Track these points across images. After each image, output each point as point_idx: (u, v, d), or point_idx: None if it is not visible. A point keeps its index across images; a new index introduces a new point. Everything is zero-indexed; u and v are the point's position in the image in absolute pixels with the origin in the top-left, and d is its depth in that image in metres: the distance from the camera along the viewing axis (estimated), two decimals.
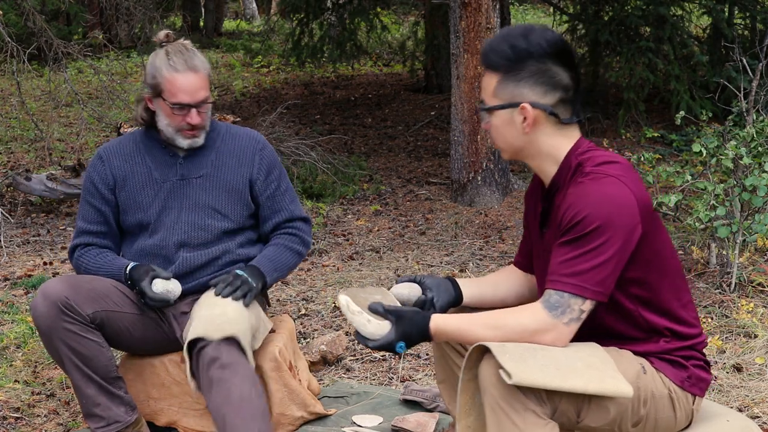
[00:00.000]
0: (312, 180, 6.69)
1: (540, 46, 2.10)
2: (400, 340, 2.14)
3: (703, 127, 5.23)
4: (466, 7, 6.16)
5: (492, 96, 2.17)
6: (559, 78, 2.13)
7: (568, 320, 2.07)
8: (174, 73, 2.82)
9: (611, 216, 2.03)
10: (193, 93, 2.83)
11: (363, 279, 4.80)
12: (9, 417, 3.25)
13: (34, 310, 2.71)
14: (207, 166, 2.95)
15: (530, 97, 2.13)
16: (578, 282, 2.05)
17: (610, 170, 2.09)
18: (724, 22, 8.08)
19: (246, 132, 3.06)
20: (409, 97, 10.63)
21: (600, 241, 2.03)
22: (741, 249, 4.50)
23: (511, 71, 2.13)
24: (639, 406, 2.16)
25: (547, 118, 2.14)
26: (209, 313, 2.71)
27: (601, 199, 2.05)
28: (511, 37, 2.13)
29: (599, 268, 2.04)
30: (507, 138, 2.19)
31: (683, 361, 2.21)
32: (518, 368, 2.01)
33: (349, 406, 3.23)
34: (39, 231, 5.89)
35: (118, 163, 2.95)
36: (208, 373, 2.62)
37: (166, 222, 2.92)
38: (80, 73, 11.45)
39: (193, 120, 2.86)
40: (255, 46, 12.88)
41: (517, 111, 2.14)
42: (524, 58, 2.11)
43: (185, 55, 2.85)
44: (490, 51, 2.15)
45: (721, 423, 2.31)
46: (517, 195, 6.47)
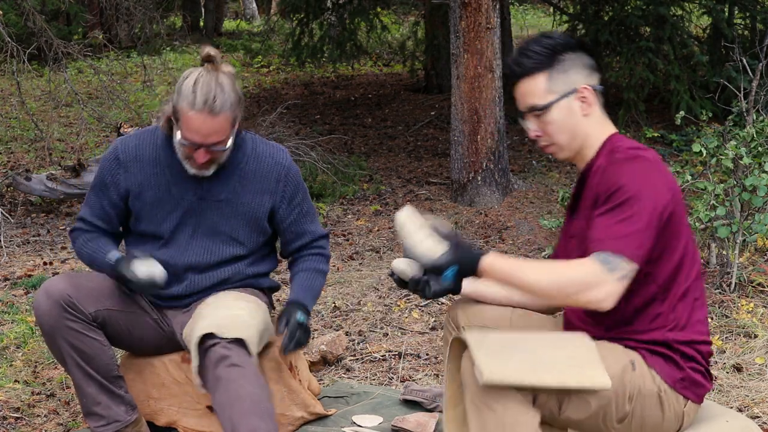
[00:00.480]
0: (312, 180, 6.69)
1: (566, 39, 2.24)
2: (452, 264, 2.11)
3: (703, 127, 5.23)
4: (466, 7, 6.16)
5: (545, 93, 2.23)
6: (592, 62, 2.26)
7: (620, 277, 2.07)
8: (191, 109, 2.63)
9: (644, 188, 2.10)
10: (205, 135, 2.66)
11: (363, 279, 4.80)
12: (9, 417, 3.25)
13: (37, 308, 2.71)
14: (228, 190, 2.84)
15: (583, 80, 2.24)
16: (623, 245, 2.07)
17: (645, 153, 2.17)
18: (724, 22, 8.08)
19: (271, 152, 2.91)
20: (409, 97, 10.62)
21: (635, 210, 2.08)
22: (741, 249, 4.50)
23: (556, 64, 2.22)
24: (624, 401, 2.16)
25: (596, 99, 2.26)
26: (223, 312, 2.70)
27: (636, 172, 2.11)
28: (534, 42, 2.25)
29: (638, 234, 2.08)
30: (569, 128, 2.25)
31: (680, 361, 2.20)
32: (491, 366, 2.03)
33: (349, 406, 3.23)
34: (39, 231, 5.89)
35: (135, 171, 2.82)
36: (216, 371, 2.60)
37: (179, 240, 2.86)
38: (80, 73, 11.45)
39: (199, 159, 2.71)
40: (255, 46, 12.87)
41: (575, 97, 2.22)
42: (560, 50, 2.23)
43: (212, 91, 2.63)
44: (524, 58, 2.24)
45: (720, 423, 2.30)
46: (517, 195, 6.47)
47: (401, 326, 4.12)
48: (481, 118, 6.29)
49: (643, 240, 2.09)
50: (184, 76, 2.69)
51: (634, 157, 2.16)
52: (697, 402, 2.25)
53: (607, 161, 2.19)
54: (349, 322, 4.20)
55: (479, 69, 6.22)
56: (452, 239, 2.15)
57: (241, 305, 2.77)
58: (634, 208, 2.08)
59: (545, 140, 2.27)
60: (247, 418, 2.56)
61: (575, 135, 2.25)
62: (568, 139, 2.25)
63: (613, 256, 2.06)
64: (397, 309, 4.34)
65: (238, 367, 2.60)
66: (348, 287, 4.68)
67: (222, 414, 2.59)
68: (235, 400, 2.58)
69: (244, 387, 2.58)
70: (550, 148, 2.29)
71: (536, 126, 2.26)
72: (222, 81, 2.66)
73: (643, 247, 2.09)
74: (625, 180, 2.10)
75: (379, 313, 4.28)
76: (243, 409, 2.57)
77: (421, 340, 3.93)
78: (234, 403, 2.57)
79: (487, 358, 2.05)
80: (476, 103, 6.27)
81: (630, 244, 2.07)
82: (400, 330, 4.08)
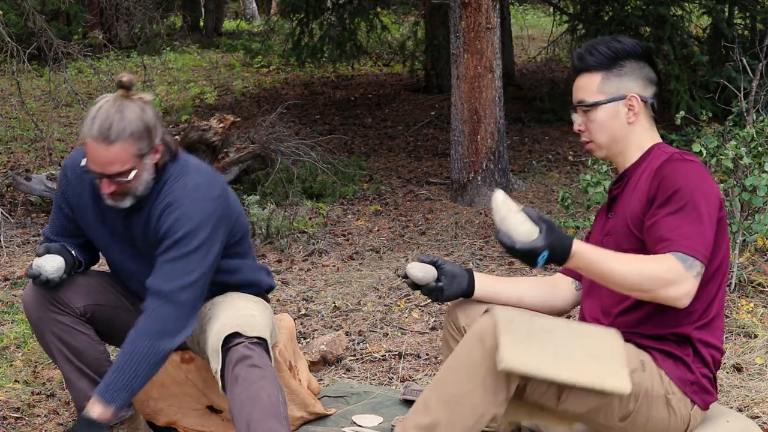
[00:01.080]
0: (312, 180, 6.69)
1: (635, 46, 2.31)
2: (546, 249, 2.11)
3: (703, 127, 5.23)
4: (466, 7, 6.16)
5: (596, 92, 2.31)
6: (652, 75, 2.33)
7: (696, 275, 2.12)
8: (87, 137, 2.51)
9: (702, 190, 2.16)
10: (102, 165, 2.52)
11: (363, 279, 4.80)
12: (9, 417, 3.25)
13: (24, 302, 2.73)
14: (140, 228, 2.70)
15: (635, 89, 2.30)
16: (695, 245, 2.12)
17: (695, 159, 2.24)
18: (724, 22, 8.07)
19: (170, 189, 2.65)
20: (409, 97, 10.62)
21: (699, 211, 2.14)
22: (741, 249, 4.50)
23: (614, 68, 2.30)
24: (629, 401, 2.17)
25: (646, 111, 2.32)
26: (236, 313, 2.69)
27: (692, 175, 2.18)
28: (603, 41, 2.33)
29: (704, 234, 2.14)
30: (610, 131, 2.31)
31: (692, 364, 2.22)
32: (513, 352, 2.06)
33: (349, 406, 3.23)
34: (39, 231, 5.89)
35: (79, 190, 2.75)
36: (235, 370, 2.57)
37: (127, 269, 2.81)
38: (80, 73, 11.45)
39: (104, 189, 2.57)
40: (255, 46, 12.87)
41: (623, 103, 2.30)
42: (624, 56, 2.30)
43: (110, 119, 2.48)
44: (588, 54, 2.32)
45: (721, 423, 2.31)
46: (517, 195, 6.47)
47: (401, 326, 4.12)
48: (481, 118, 6.29)
49: (709, 240, 2.15)
50: (94, 102, 2.58)
51: (688, 160, 2.22)
52: (704, 408, 2.26)
53: (658, 163, 2.23)
54: (349, 322, 4.20)
55: (479, 69, 6.22)
56: (546, 223, 2.13)
57: (250, 306, 2.77)
58: (699, 209, 2.14)
59: (586, 136, 2.34)
60: (265, 420, 2.53)
61: (616, 139, 2.32)
62: (607, 140, 2.32)
63: (688, 256, 2.10)
64: (397, 309, 4.34)
65: (259, 368, 2.58)
66: (348, 287, 4.68)
67: (239, 413, 2.56)
68: (254, 401, 2.55)
69: (264, 388, 2.56)
70: (589, 144, 2.35)
71: (581, 121, 2.34)
72: (126, 108, 2.51)
73: (709, 248, 2.15)
74: (685, 182, 2.16)
75: (379, 313, 4.28)
76: (262, 410, 2.54)
77: (421, 340, 3.93)
78: (253, 403, 2.54)
79: (511, 344, 2.08)
80: (476, 103, 6.27)
81: (700, 244, 2.13)
82: (400, 330, 4.08)
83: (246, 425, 2.54)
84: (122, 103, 2.52)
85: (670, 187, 2.17)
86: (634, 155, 2.32)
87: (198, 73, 12.41)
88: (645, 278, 2.10)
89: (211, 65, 12.90)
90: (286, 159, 6.61)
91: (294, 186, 6.44)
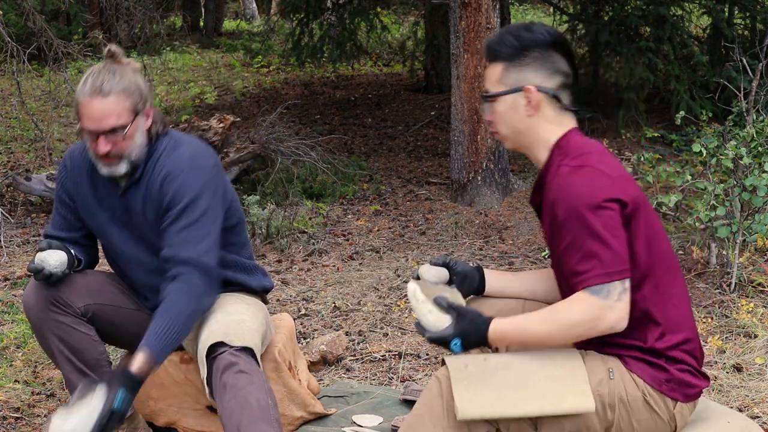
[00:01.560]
0: (312, 180, 6.69)
1: (543, 35, 2.23)
2: (456, 337, 2.14)
3: (703, 127, 5.23)
4: (466, 7, 6.16)
5: (497, 83, 2.26)
6: (560, 65, 2.24)
7: (618, 295, 2.08)
8: (82, 97, 2.58)
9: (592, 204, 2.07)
10: (98, 120, 2.58)
11: (363, 279, 4.80)
12: (9, 417, 3.25)
13: (24, 302, 2.72)
14: (139, 202, 2.72)
15: (534, 80, 2.23)
16: (605, 273, 2.07)
17: (588, 160, 2.14)
18: (724, 22, 8.07)
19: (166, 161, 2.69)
20: (409, 97, 10.62)
21: (595, 228, 2.07)
22: (741, 249, 4.50)
23: (516, 59, 2.23)
24: (605, 411, 2.16)
25: (549, 102, 2.24)
26: (226, 319, 2.69)
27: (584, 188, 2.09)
28: (514, 29, 2.26)
29: (612, 251, 2.07)
30: (510, 123, 2.26)
31: (664, 364, 2.18)
32: (469, 400, 2.08)
33: (349, 406, 3.23)
34: (39, 231, 5.89)
35: (78, 180, 2.80)
36: (223, 377, 2.57)
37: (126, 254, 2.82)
38: (80, 73, 11.42)
39: (99, 149, 2.60)
40: (255, 46, 12.87)
41: (521, 94, 2.23)
42: (528, 46, 2.22)
43: (101, 76, 2.58)
44: (495, 43, 2.26)
45: (721, 424, 2.29)
46: (517, 195, 6.47)
47: (401, 326, 4.12)
48: (481, 118, 6.29)
49: (621, 252, 2.08)
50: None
51: (576, 168, 2.13)
52: (688, 401, 2.22)
53: (551, 174, 2.18)
54: (349, 322, 4.20)
55: (479, 69, 6.22)
56: (456, 311, 2.17)
57: (241, 309, 2.76)
58: (591, 226, 2.07)
59: (492, 127, 2.31)
60: (255, 426, 2.53)
61: (518, 131, 2.26)
62: (509, 132, 2.27)
63: (601, 285, 2.07)
64: (397, 309, 4.34)
65: (246, 374, 2.57)
66: (348, 287, 4.68)
67: (229, 420, 2.55)
68: (243, 407, 2.55)
69: (252, 393, 2.56)
70: (496, 135, 2.32)
71: (488, 111, 2.30)
72: (117, 69, 2.63)
73: (624, 260, 2.09)
74: (570, 202, 2.09)
75: (379, 313, 4.28)
76: (252, 416, 2.54)
77: (421, 340, 3.93)
78: (242, 410, 2.54)
79: (465, 391, 2.11)
80: (476, 103, 6.26)
81: (611, 266, 2.07)
82: (400, 330, 4.08)
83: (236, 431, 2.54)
84: (112, 66, 2.63)
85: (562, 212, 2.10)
86: (543, 154, 2.26)
87: (198, 73, 12.41)
88: (571, 328, 2.09)
89: (211, 65, 12.90)
90: (286, 159, 6.61)
91: (294, 186, 6.44)
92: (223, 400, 2.57)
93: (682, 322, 2.22)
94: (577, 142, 2.22)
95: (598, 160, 2.16)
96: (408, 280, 4.72)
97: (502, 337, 2.17)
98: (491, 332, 2.15)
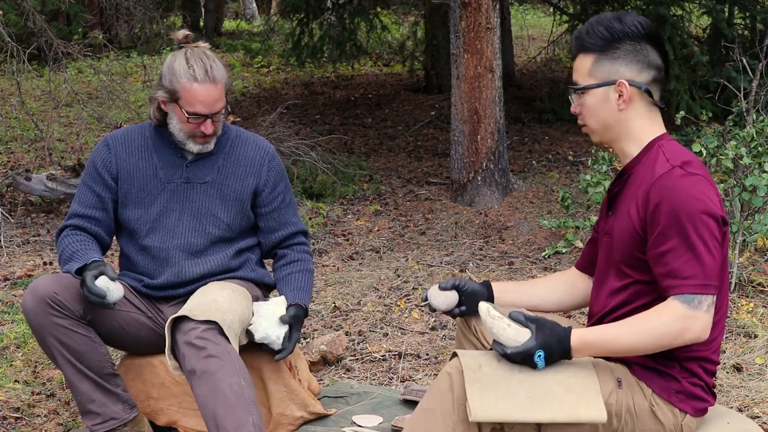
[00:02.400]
0: (312, 180, 6.69)
1: (635, 26, 2.16)
2: (540, 349, 2.09)
3: (703, 127, 5.23)
4: (466, 7, 6.16)
5: (587, 76, 2.20)
6: (652, 58, 2.18)
7: (707, 307, 2.06)
8: (193, 83, 2.77)
9: (704, 212, 2.05)
10: (210, 104, 2.80)
11: (363, 279, 4.80)
12: (9, 417, 3.25)
13: (23, 306, 2.72)
14: (213, 172, 2.94)
15: (626, 74, 2.17)
16: (699, 282, 2.05)
17: (695, 169, 2.11)
18: (724, 22, 8.07)
19: (255, 139, 3.04)
20: (409, 97, 10.62)
21: (702, 239, 2.05)
22: (741, 249, 4.50)
23: (607, 51, 2.17)
24: (611, 420, 2.14)
25: (641, 97, 2.19)
26: (201, 299, 2.72)
27: (694, 194, 2.06)
28: (605, 20, 2.19)
29: (708, 264, 2.05)
30: (601, 117, 2.21)
31: (676, 374, 2.16)
32: (482, 402, 2.06)
33: (349, 406, 3.23)
34: (39, 231, 5.89)
35: (124, 155, 2.92)
36: (193, 363, 2.58)
37: (166, 224, 2.91)
38: (80, 73, 11.45)
39: (207, 130, 2.84)
40: (255, 46, 12.87)
41: (613, 88, 2.17)
42: (620, 38, 2.16)
43: (206, 63, 2.79)
44: (585, 34, 2.19)
45: (722, 425, 2.29)
46: (517, 195, 6.47)
47: (401, 326, 4.12)
48: (481, 118, 6.29)
49: (715, 266, 2.07)
50: (171, 59, 2.81)
51: (690, 174, 2.09)
52: (697, 416, 2.20)
53: (660, 171, 2.11)
54: (349, 322, 4.20)
55: (479, 69, 6.22)
56: (535, 322, 2.12)
57: (223, 294, 2.78)
58: (702, 237, 2.05)
59: (581, 119, 2.26)
60: (231, 413, 2.53)
61: (608, 125, 2.21)
62: (599, 126, 2.22)
63: (693, 295, 2.04)
64: (397, 309, 4.35)
65: (216, 358, 2.57)
66: (348, 287, 4.68)
67: (205, 409, 2.56)
68: (216, 394, 2.54)
69: (223, 379, 2.56)
70: (584, 128, 2.27)
71: (576, 103, 2.25)
72: (209, 55, 2.83)
73: (715, 275, 2.07)
74: (685, 206, 2.05)
75: (379, 313, 4.29)
76: (226, 403, 2.54)
77: (421, 340, 3.93)
78: (216, 397, 2.54)
79: (479, 393, 2.08)
80: (476, 103, 6.27)
81: (706, 275, 2.05)
82: (400, 330, 4.08)
83: (213, 421, 2.54)
84: (202, 51, 2.83)
85: (669, 213, 2.06)
86: (632, 148, 2.21)
87: None
88: (658, 338, 2.06)
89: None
90: (286, 159, 6.61)
91: (294, 186, 6.44)
92: (196, 387, 2.58)
93: (711, 341, 2.19)
94: (677, 147, 2.18)
95: (705, 172, 2.12)
96: (408, 281, 4.72)
97: (586, 347, 2.11)
98: (574, 342, 2.10)
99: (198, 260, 2.92)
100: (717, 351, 2.23)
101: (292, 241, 3.07)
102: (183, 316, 2.64)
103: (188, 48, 2.83)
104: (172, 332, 2.66)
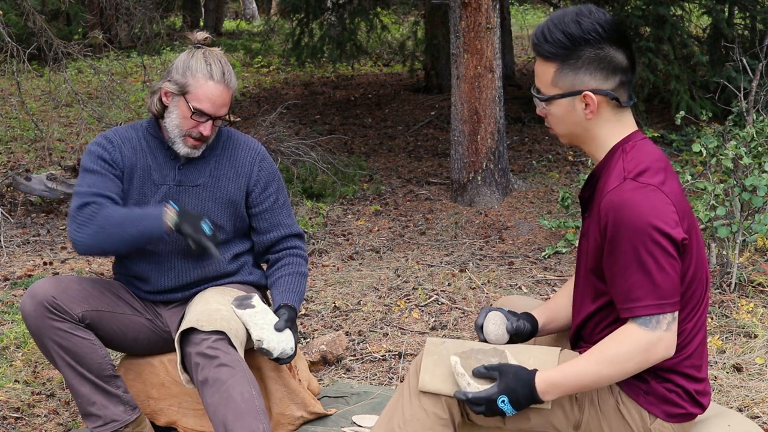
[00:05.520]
0: (312, 180, 6.69)
1: (595, 32, 2.03)
2: (502, 394, 2.05)
3: (703, 127, 5.24)
4: (466, 7, 6.16)
5: (550, 85, 2.09)
6: (617, 61, 2.06)
7: (667, 326, 1.99)
8: (209, 80, 2.76)
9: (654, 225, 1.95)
10: (218, 106, 2.79)
11: (363, 279, 4.80)
12: (9, 417, 3.25)
13: (22, 311, 2.72)
14: (205, 175, 2.90)
15: (591, 84, 2.06)
16: (655, 304, 1.98)
17: (650, 178, 2.01)
18: (724, 22, 8.08)
19: (246, 141, 2.99)
20: (409, 97, 10.62)
21: (653, 257, 1.96)
22: (741, 249, 4.50)
23: (568, 60, 2.05)
24: (572, 407, 2.12)
25: (608, 103, 2.08)
26: (205, 308, 2.72)
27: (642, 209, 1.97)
28: (563, 23, 2.05)
29: (665, 281, 1.98)
30: (567, 126, 2.12)
31: (644, 375, 2.09)
32: (432, 375, 2.11)
33: (349, 406, 3.23)
34: (39, 231, 5.89)
35: (128, 153, 2.87)
36: (205, 372, 2.59)
37: None
38: (80, 73, 11.46)
39: (206, 131, 2.80)
40: (255, 46, 12.88)
41: (579, 99, 2.07)
42: (580, 45, 2.04)
43: (223, 66, 2.80)
44: (544, 41, 2.06)
45: (722, 427, 2.27)
46: (517, 195, 6.47)
47: (401, 326, 4.12)
48: (481, 118, 6.29)
49: (672, 282, 1.98)
50: (187, 56, 2.81)
51: (640, 184, 1.99)
52: (671, 421, 2.12)
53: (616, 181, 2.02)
54: (349, 322, 4.20)
55: (479, 69, 6.22)
56: (496, 369, 2.08)
57: (221, 300, 2.78)
58: (653, 254, 1.96)
59: (547, 122, 2.18)
60: (241, 421, 2.54)
61: (575, 131, 2.13)
62: (566, 132, 2.14)
63: (650, 317, 1.98)
64: (397, 309, 4.35)
65: (227, 367, 2.59)
66: (348, 287, 4.68)
67: (214, 416, 2.57)
68: (227, 401, 2.56)
69: (234, 387, 2.57)
70: (551, 130, 2.19)
71: (540, 107, 2.17)
72: (225, 60, 2.84)
73: (671, 292, 1.99)
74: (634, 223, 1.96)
75: (379, 313, 4.29)
76: (237, 411, 2.55)
77: (421, 340, 3.93)
78: (227, 405, 2.56)
79: (432, 365, 2.11)
80: (476, 103, 6.27)
81: (663, 293, 1.98)
82: (400, 330, 4.08)
83: (223, 428, 2.56)
84: (220, 55, 2.84)
85: (618, 232, 1.97)
86: (600, 152, 2.12)
87: None
88: (623, 365, 2.01)
89: None
90: (286, 159, 6.61)
91: (294, 186, 6.44)
92: (207, 395, 2.59)
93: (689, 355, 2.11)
94: (639, 150, 2.07)
95: (662, 181, 2.02)
96: (408, 281, 4.72)
97: (552, 387, 2.04)
98: (539, 383, 2.04)
99: (195, 264, 2.91)
100: (701, 361, 2.15)
101: (285, 245, 3.02)
102: (191, 328, 2.64)
103: (205, 49, 2.82)
104: (181, 345, 2.66)
